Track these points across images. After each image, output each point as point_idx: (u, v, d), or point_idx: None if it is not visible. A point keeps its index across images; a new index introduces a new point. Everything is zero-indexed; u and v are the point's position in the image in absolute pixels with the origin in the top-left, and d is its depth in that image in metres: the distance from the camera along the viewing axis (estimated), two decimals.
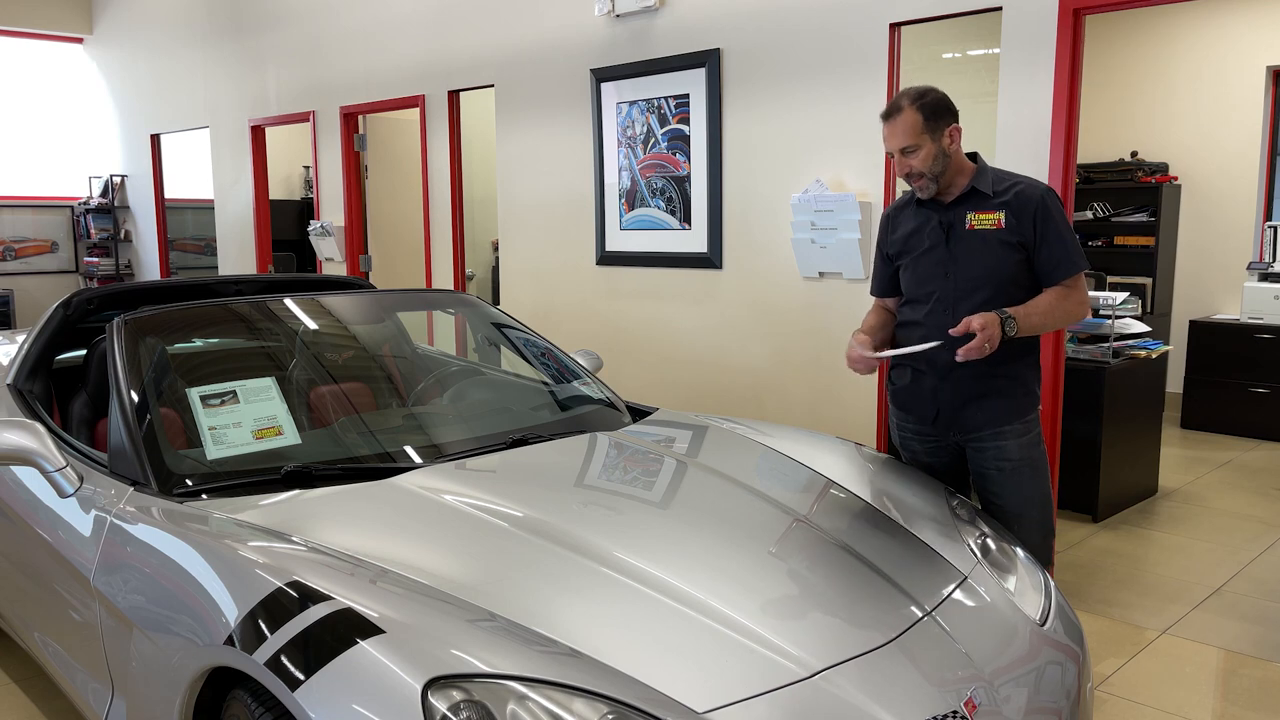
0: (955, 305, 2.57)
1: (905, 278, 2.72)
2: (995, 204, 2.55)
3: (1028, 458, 2.61)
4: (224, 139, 7.56)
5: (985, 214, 2.56)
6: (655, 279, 4.78)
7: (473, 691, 1.49)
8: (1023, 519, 2.61)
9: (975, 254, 2.57)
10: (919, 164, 2.55)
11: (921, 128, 2.53)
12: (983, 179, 2.59)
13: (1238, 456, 5.74)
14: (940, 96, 2.58)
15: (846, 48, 3.93)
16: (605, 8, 4.69)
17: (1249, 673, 3.13)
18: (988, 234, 2.55)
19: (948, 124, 2.56)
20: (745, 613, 1.80)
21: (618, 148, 4.84)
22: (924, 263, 2.65)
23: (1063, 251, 2.52)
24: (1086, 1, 3.29)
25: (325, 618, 1.64)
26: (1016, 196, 2.54)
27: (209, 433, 2.34)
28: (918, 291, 2.67)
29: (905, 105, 2.55)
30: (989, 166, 2.64)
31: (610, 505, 2.28)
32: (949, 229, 2.60)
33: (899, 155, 2.58)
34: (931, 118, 2.53)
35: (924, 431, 2.73)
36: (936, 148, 2.54)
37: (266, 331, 2.87)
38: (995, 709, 1.78)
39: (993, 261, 2.55)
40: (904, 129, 2.55)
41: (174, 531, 2.04)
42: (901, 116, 2.54)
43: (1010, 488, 2.62)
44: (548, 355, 3.20)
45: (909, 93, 2.58)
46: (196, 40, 7.70)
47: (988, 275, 2.55)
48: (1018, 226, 2.53)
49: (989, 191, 2.57)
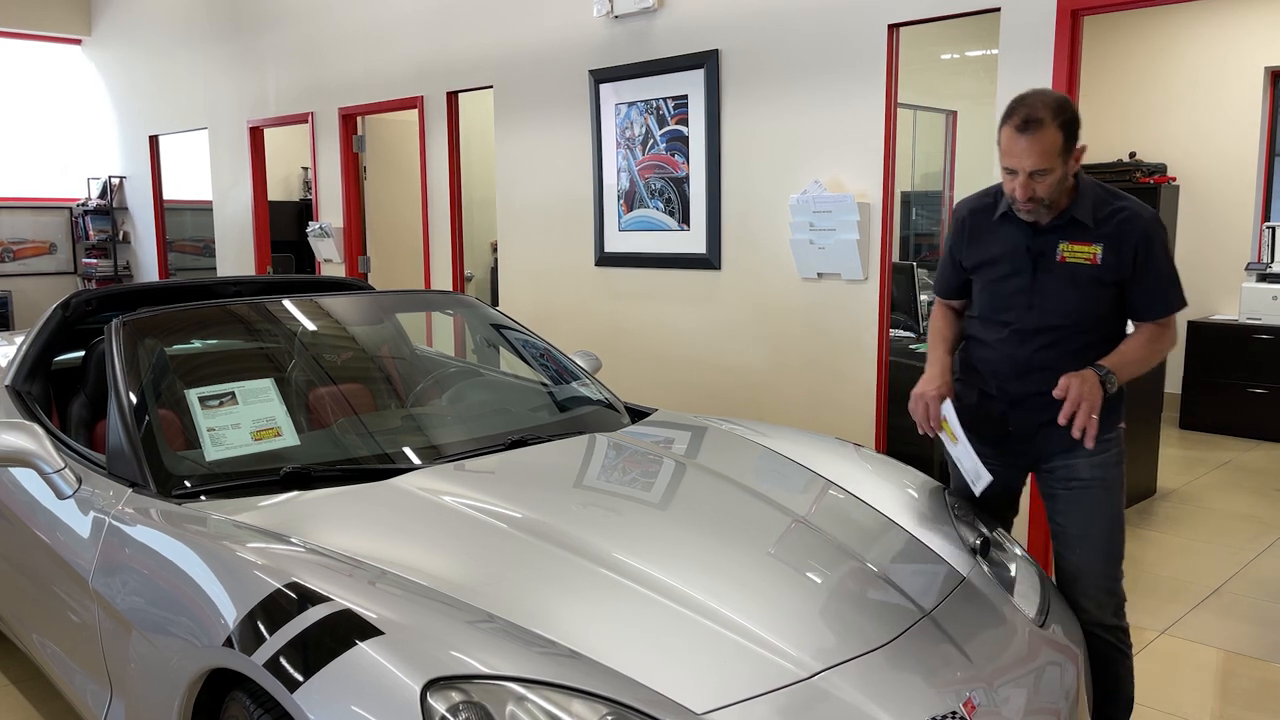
0: (1033, 338, 2.33)
1: (980, 295, 2.45)
2: (1094, 235, 2.25)
3: (1099, 478, 2.36)
4: (222, 140, 7.56)
5: (1080, 245, 2.26)
6: (654, 280, 4.78)
7: (472, 693, 1.49)
8: (1086, 541, 2.36)
9: (1063, 289, 2.29)
10: (1044, 190, 2.20)
11: (1060, 149, 2.16)
12: (1082, 206, 2.26)
13: (1236, 457, 5.74)
14: (1075, 112, 2.20)
15: (845, 49, 3.93)
16: (604, 9, 4.69)
17: (1248, 673, 3.13)
18: (1080, 269, 2.26)
19: (1076, 145, 2.21)
20: (744, 614, 1.80)
21: (616, 149, 4.84)
22: (1004, 288, 2.37)
23: (1160, 289, 2.26)
24: (1085, 2, 3.29)
25: (324, 619, 1.63)
26: (1119, 227, 2.24)
27: (207, 434, 2.34)
28: (993, 315, 2.41)
29: (1048, 119, 2.14)
30: (1091, 184, 2.30)
31: (609, 506, 2.28)
32: (1037, 258, 2.31)
33: (1023, 177, 2.19)
34: (1070, 138, 2.18)
35: (985, 452, 2.45)
36: (1063, 172, 2.19)
37: (265, 333, 2.87)
38: (994, 709, 1.78)
39: (1082, 299, 2.28)
40: (1044, 149, 2.15)
41: (172, 533, 2.04)
42: (1044, 133, 2.14)
43: (1075, 508, 2.37)
44: (546, 356, 3.20)
45: (1048, 102, 2.16)
46: (195, 41, 7.70)
47: (1073, 313, 2.29)
48: (1116, 263, 2.24)
49: (1088, 221, 2.25)
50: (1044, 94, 2.21)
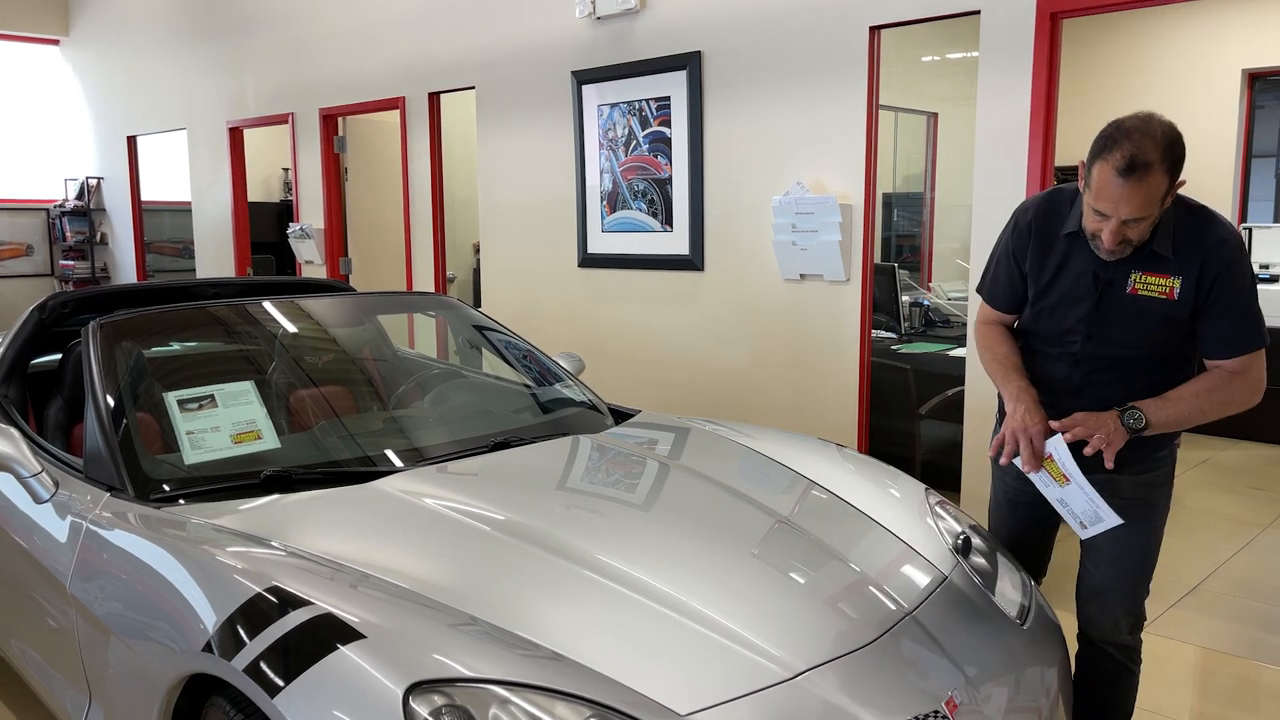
0: (1088, 364, 2.15)
1: (1035, 313, 2.23)
2: (1173, 266, 2.02)
3: (1142, 498, 2.19)
4: (201, 141, 7.51)
5: (1156, 277, 2.03)
6: (637, 281, 4.78)
7: (454, 696, 1.49)
8: (1117, 562, 2.23)
9: (1131, 322, 2.07)
10: (1136, 235, 1.98)
11: (1164, 194, 1.91)
12: (1162, 237, 2.01)
13: (1214, 456, 5.80)
14: (1183, 143, 1.91)
15: (827, 51, 3.95)
16: (586, 10, 4.69)
17: (1227, 670, 3.16)
18: (1152, 303, 2.04)
19: (1177, 179, 1.93)
20: (727, 614, 1.80)
21: (599, 150, 4.84)
22: (1066, 312, 2.15)
23: (1234, 326, 2.01)
24: (1063, 5, 3.32)
25: (305, 623, 1.62)
26: (1203, 261, 2.00)
27: (186, 437, 2.32)
28: (1047, 334, 2.21)
29: (1157, 163, 1.87)
30: (1175, 207, 2.02)
31: (593, 508, 2.27)
32: (1105, 287, 2.08)
33: (1115, 223, 1.94)
34: (1172, 181, 1.91)
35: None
36: (1160, 212, 1.96)
37: (245, 335, 2.85)
38: (976, 708, 1.79)
39: (1150, 335, 2.07)
40: (1148, 197, 1.90)
41: (151, 537, 2.02)
42: (1151, 180, 1.87)
43: (1112, 529, 2.17)
44: (529, 358, 3.19)
45: (1157, 140, 1.87)
46: (174, 41, 7.64)
47: (1138, 345, 2.09)
48: (1193, 295, 2.01)
49: (1168, 254, 2.02)
50: (1151, 126, 1.89)
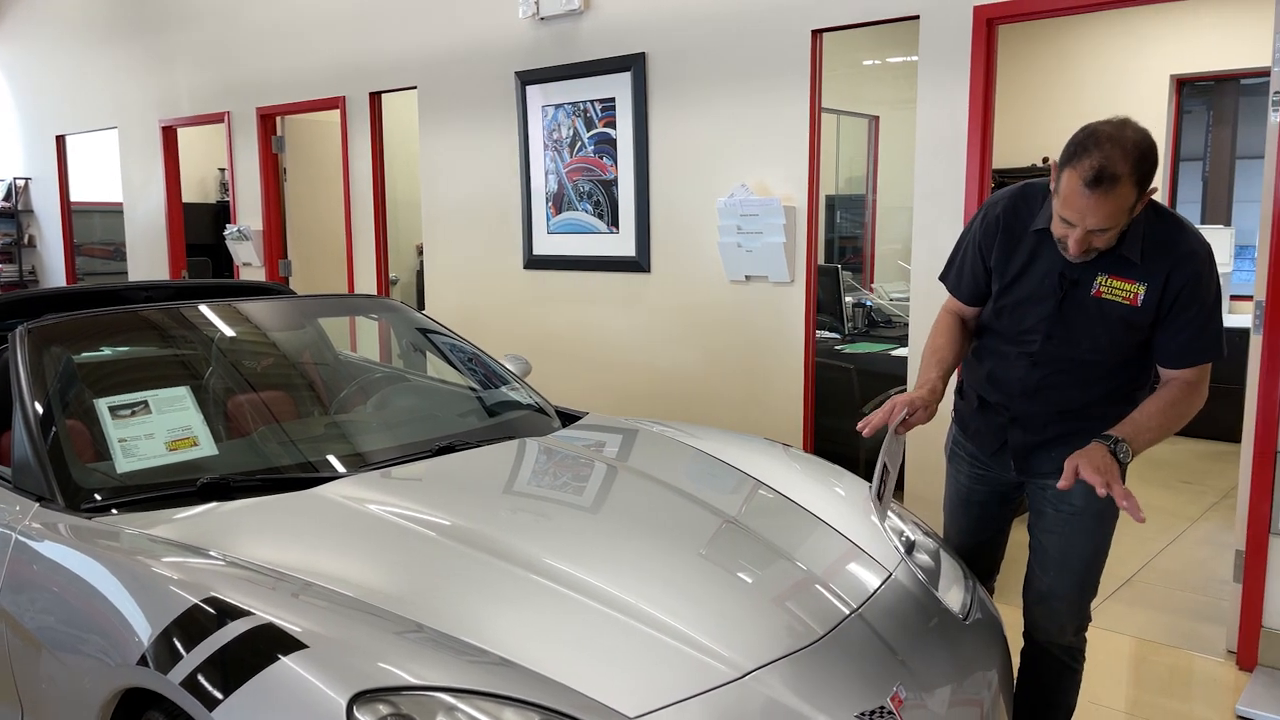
0: (1047, 365, 2.14)
1: (997, 311, 2.20)
2: (1140, 273, 1.99)
3: (1091, 507, 2.18)
4: (133, 140, 7.32)
5: (1121, 282, 2.01)
6: (583, 283, 4.77)
7: (400, 705, 1.46)
8: (1064, 567, 2.24)
9: (1092, 326, 2.06)
10: (1103, 243, 1.95)
11: (1132, 204, 1.88)
12: (1131, 242, 1.98)
13: (1146, 451, 5.96)
14: (1155, 153, 1.88)
15: (770, 53, 3.98)
16: (529, 10, 4.66)
17: (1159, 660, 3.25)
18: (1115, 308, 2.03)
19: (1147, 189, 1.90)
20: (676, 615, 1.80)
21: (544, 151, 4.82)
22: (1027, 310, 2.13)
23: (1196, 337, 2.00)
24: (999, 11, 3.39)
25: (244, 634, 1.59)
26: (1170, 270, 1.97)
27: (119, 445, 2.26)
28: (1007, 334, 2.19)
29: (1125, 175, 1.83)
30: (1145, 213, 1.98)
31: (540, 511, 2.26)
32: (1070, 287, 2.06)
33: (1080, 231, 1.91)
34: (1144, 188, 1.88)
35: (978, 459, 2.34)
36: (1128, 221, 1.94)
37: (180, 339, 2.78)
38: (920, 702, 1.81)
39: (1110, 339, 2.06)
40: (1114, 208, 1.87)
41: (82, 549, 1.96)
42: (1118, 192, 1.85)
43: (1061, 532, 2.22)
44: (474, 360, 3.17)
45: (1128, 151, 1.84)
46: (103, 38, 7.44)
47: (1098, 350, 2.08)
48: (1157, 304, 2.00)
49: (1135, 259, 1.99)
50: (1124, 135, 1.86)
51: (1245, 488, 3.12)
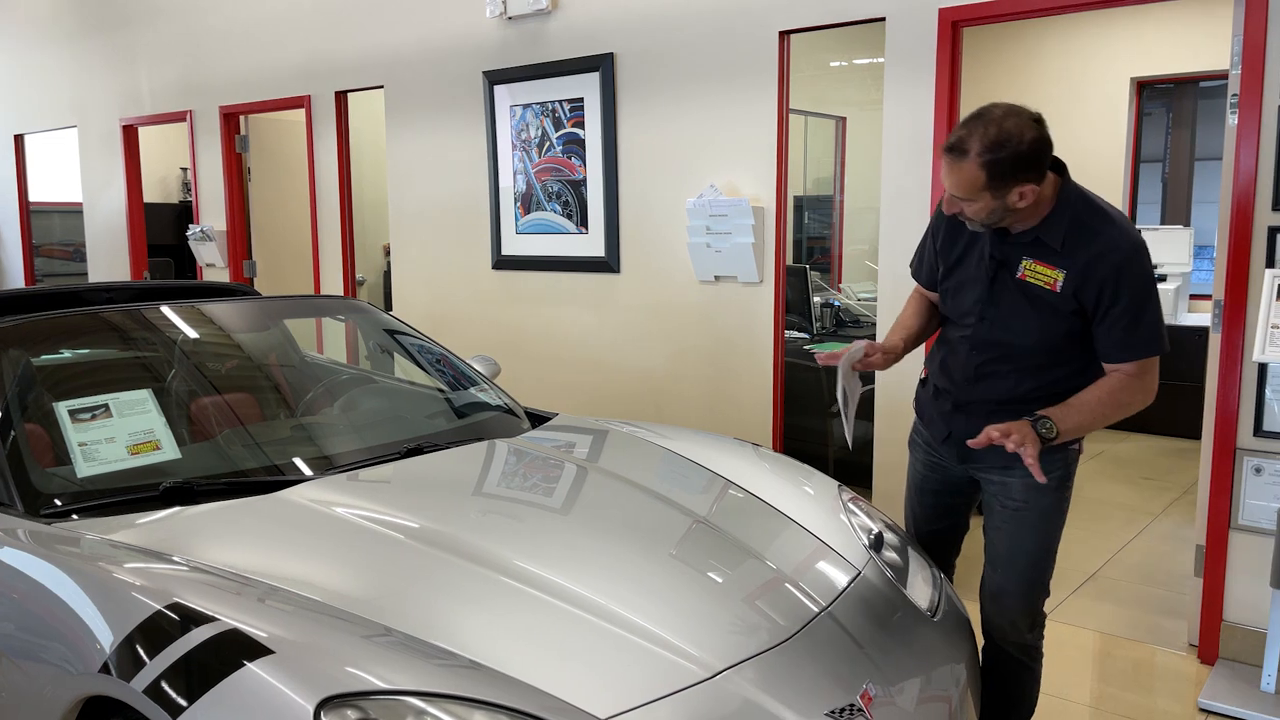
0: (983, 351, 2.21)
1: (943, 295, 2.33)
2: (1059, 260, 2.07)
3: (1034, 503, 2.23)
4: (93, 139, 7.20)
5: (1043, 267, 2.08)
6: (553, 283, 4.75)
7: (369, 710, 1.45)
8: (1009, 565, 2.29)
9: (1018, 309, 2.13)
10: (972, 214, 2.07)
11: (983, 186, 2.00)
12: (1053, 227, 2.07)
13: (1109, 448, 6.05)
14: (1023, 152, 1.97)
15: (738, 54, 3.99)
16: (497, 10, 4.64)
17: (1123, 654, 3.30)
18: (1037, 291, 2.10)
19: (1020, 183, 1.99)
20: (647, 616, 1.80)
21: (512, 151, 4.80)
22: (964, 293, 2.23)
23: (1129, 332, 2.05)
24: (964, 14, 3.42)
25: (209, 640, 1.56)
26: (1089, 261, 2.04)
27: (79, 449, 2.22)
28: (951, 315, 2.31)
29: (971, 154, 1.98)
30: (1074, 199, 2.09)
31: (509, 513, 2.25)
32: (998, 269, 2.14)
33: (948, 194, 2.09)
34: (999, 178, 1.98)
35: (931, 448, 2.42)
36: (998, 204, 2.03)
37: (142, 341, 2.74)
38: (889, 700, 1.83)
39: (1037, 325, 2.12)
40: (960, 180, 2.02)
41: (42, 554, 1.92)
42: (963, 166, 1.99)
43: (1006, 528, 2.28)
44: (443, 361, 3.14)
45: (983, 135, 1.97)
46: (63, 35, 7.30)
47: (1027, 334, 2.14)
48: (1077, 294, 2.06)
49: (1055, 245, 2.07)
50: (989, 119, 1.99)
51: (1205, 484, 3.17)
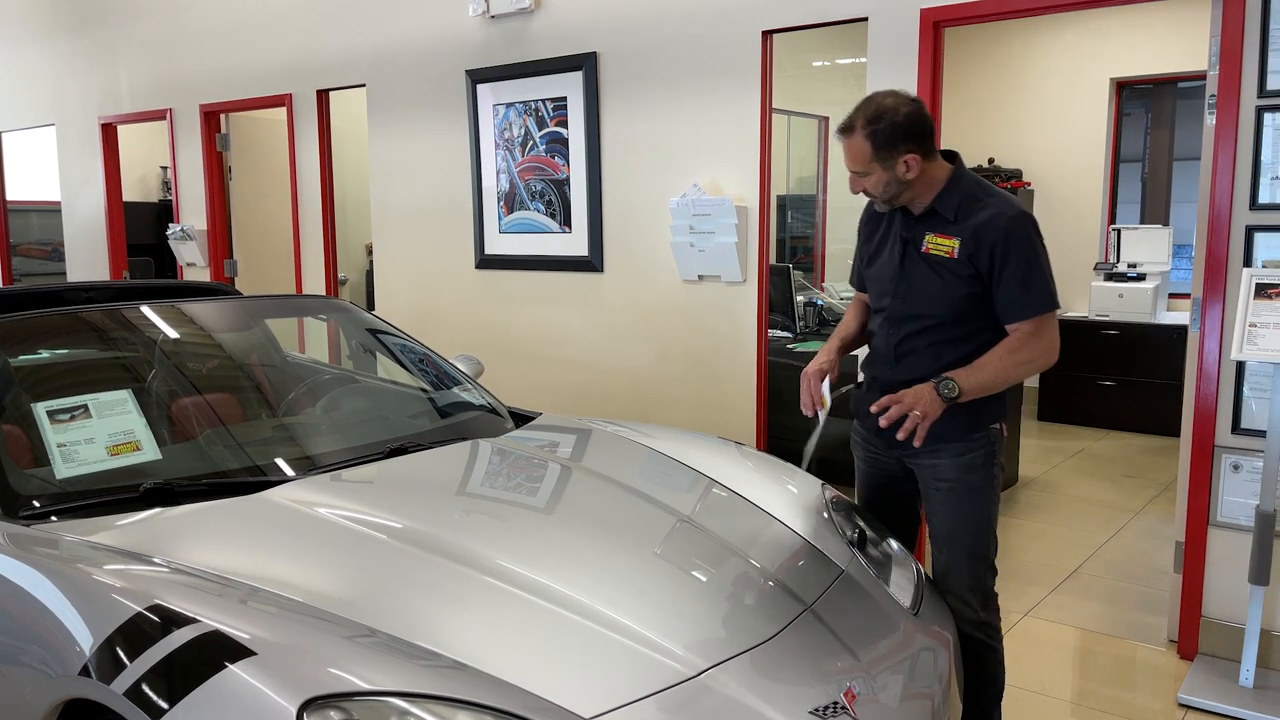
0: (901, 326, 2.39)
1: (867, 285, 2.53)
2: (954, 229, 2.29)
3: (964, 481, 2.36)
4: (71, 137, 7.13)
5: (942, 239, 2.31)
6: (536, 282, 4.74)
7: (352, 711, 1.44)
8: (952, 544, 2.40)
9: (927, 280, 2.33)
10: (870, 187, 2.33)
11: (871, 156, 2.27)
12: (946, 199, 2.31)
13: (1089, 446, 6.10)
14: (899, 121, 2.24)
15: (721, 54, 3.99)
16: (480, 8, 4.63)
17: (1104, 650, 3.33)
18: (941, 262, 2.31)
19: (903, 153, 2.25)
20: (631, 615, 1.80)
21: (495, 150, 4.79)
22: (882, 273, 2.44)
23: (1021, 287, 2.24)
24: (945, 14, 3.44)
25: (190, 642, 1.55)
26: (978, 225, 2.26)
27: (58, 450, 2.20)
28: (874, 303, 2.49)
29: (857, 127, 2.28)
30: (966, 180, 2.35)
31: (493, 513, 2.25)
32: (907, 245, 2.37)
33: (850, 173, 2.34)
34: (883, 146, 2.25)
35: (869, 441, 2.53)
36: (889, 175, 2.28)
37: (122, 341, 2.71)
38: (873, 697, 1.83)
39: (943, 292, 2.31)
40: (852, 153, 2.30)
41: (20, 557, 1.90)
42: (852, 140, 2.29)
43: (944, 509, 2.40)
44: (426, 361, 3.13)
45: (865, 110, 2.28)
46: (41, 32, 7.23)
47: (937, 304, 2.33)
48: (972, 257, 2.26)
49: (950, 215, 2.30)
50: (871, 100, 2.30)
51: (1184, 481, 3.20)
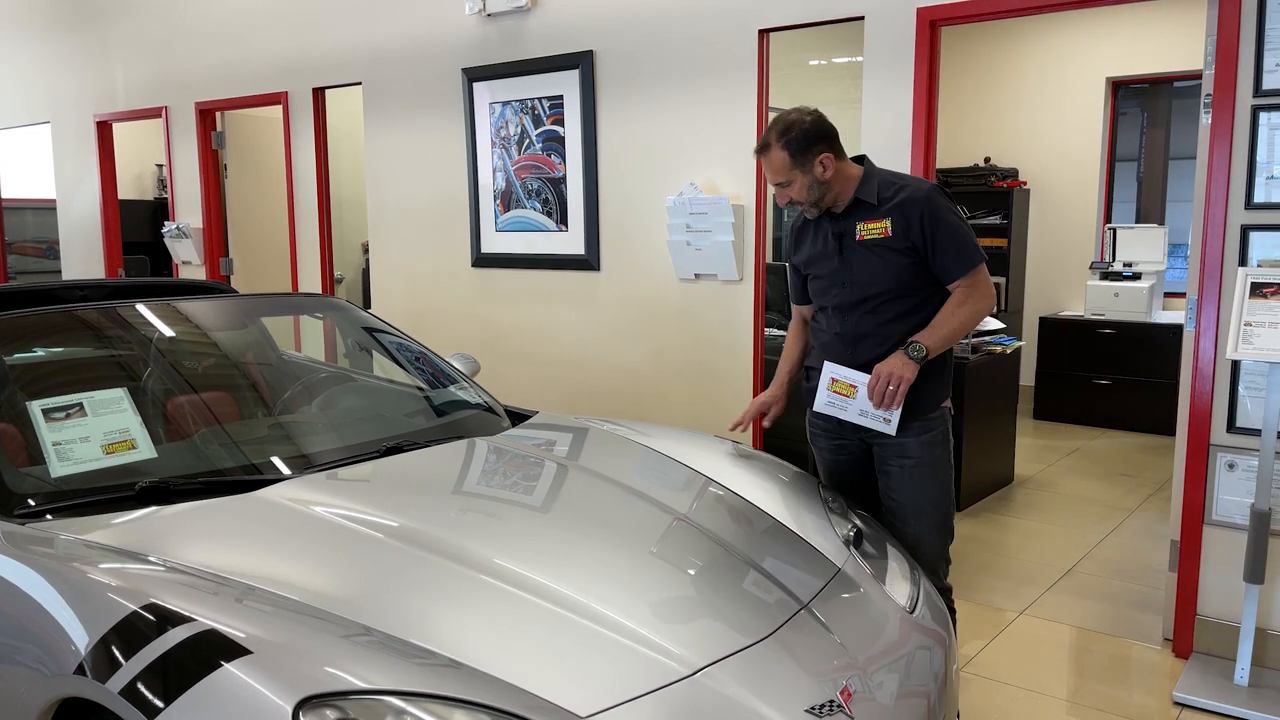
0: (853, 311, 2.60)
1: (811, 289, 2.73)
2: (881, 212, 2.55)
3: (927, 457, 2.59)
4: (66, 135, 7.11)
5: (873, 223, 2.55)
6: (533, 281, 4.74)
7: (348, 710, 1.44)
8: (920, 517, 2.61)
9: (868, 263, 2.57)
10: (796, 194, 2.57)
11: (790, 164, 2.52)
12: (867, 188, 2.57)
13: (1084, 445, 6.11)
14: (806, 128, 2.52)
15: (718, 52, 3.99)
16: (476, 7, 4.62)
17: (1099, 648, 3.33)
18: (877, 243, 2.55)
19: (818, 154, 2.52)
20: (627, 614, 1.80)
21: (491, 148, 4.78)
22: (824, 273, 2.65)
23: (955, 249, 2.51)
24: (942, 14, 3.44)
25: (186, 640, 1.55)
26: (901, 205, 2.53)
27: (53, 448, 2.19)
28: (821, 302, 2.69)
29: (772, 143, 2.54)
30: (877, 171, 2.63)
31: (489, 511, 2.24)
32: (841, 239, 2.60)
33: (775, 187, 2.59)
34: (799, 153, 2.51)
35: (833, 431, 2.72)
36: (809, 179, 2.53)
37: (117, 340, 2.71)
38: (869, 695, 1.83)
39: (886, 269, 2.55)
40: (773, 167, 2.55)
41: (15, 555, 1.90)
42: (770, 156, 2.54)
43: (909, 486, 2.60)
44: (422, 360, 3.13)
45: (776, 126, 2.55)
46: (36, 30, 7.21)
47: (881, 280, 2.56)
48: (905, 232, 2.52)
49: (874, 201, 2.55)
50: (781, 117, 2.54)
51: (1179, 480, 3.21)
